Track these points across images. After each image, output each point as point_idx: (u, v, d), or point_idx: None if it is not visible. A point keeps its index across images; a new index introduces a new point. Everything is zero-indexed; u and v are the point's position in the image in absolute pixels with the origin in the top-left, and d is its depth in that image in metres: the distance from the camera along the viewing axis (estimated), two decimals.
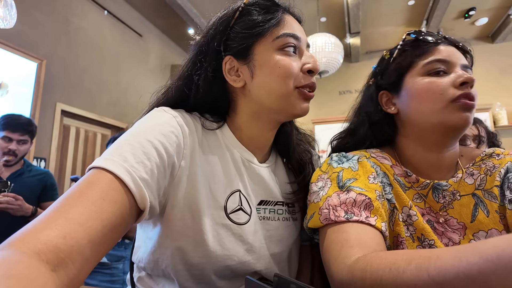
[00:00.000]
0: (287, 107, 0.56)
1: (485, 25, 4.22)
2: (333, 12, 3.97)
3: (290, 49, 0.55)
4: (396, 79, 0.65)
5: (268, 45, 0.55)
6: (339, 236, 0.50)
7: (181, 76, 0.59)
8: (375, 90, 0.70)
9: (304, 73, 0.56)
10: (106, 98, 3.49)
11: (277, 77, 0.54)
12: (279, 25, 0.56)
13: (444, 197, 0.60)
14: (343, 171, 0.60)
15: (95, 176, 0.40)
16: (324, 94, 4.84)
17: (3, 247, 0.30)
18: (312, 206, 0.58)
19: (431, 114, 0.59)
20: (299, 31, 0.57)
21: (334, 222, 0.53)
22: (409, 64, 0.64)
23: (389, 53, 0.70)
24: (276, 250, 0.59)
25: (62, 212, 0.35)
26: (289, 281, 0.40)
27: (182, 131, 0.52)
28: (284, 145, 0.67)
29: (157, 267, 0.53)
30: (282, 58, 0.54)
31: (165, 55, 4.68)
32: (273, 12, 0.56)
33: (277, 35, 0.55)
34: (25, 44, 2.59)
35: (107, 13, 3.51)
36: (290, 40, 0.55)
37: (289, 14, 0.59)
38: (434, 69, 0.60)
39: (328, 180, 0.60)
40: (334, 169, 0.61)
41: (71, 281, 0.32)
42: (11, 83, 2.49)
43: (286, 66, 0.54)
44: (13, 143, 1.72)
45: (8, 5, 1.71)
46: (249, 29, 0.55)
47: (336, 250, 0.49)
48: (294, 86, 0.55)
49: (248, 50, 0.56)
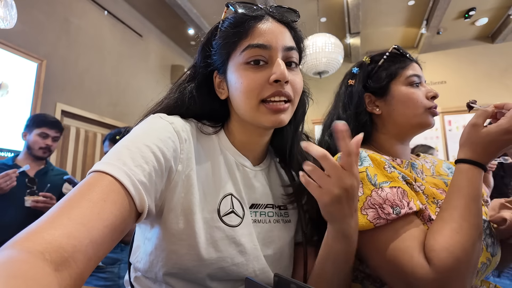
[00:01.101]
0: (256, 120, 0.57)
1: (485, 25, 4.23)
2: (333, 12, 3.98)
3: (257, 61, 0.55)
4: (384, 85, 0.78)
5: (236, 59, 0.56)
6: (400, 234, 0.57)
7: (180, 88, 0.62)
8: (361, 91, 0.80)
9: (270, 83, 0.54)
10: (106, 98, 3.49)
11: (240, 92, 0.56)
12: (247, 36, 0.55)
13: (417, 173, 0.76)
14: (368, 169, 0.65)
15: (96, 179, 0.41)
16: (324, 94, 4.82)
17: (9, 246, 0.30)
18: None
19: (413, 117, 0.75)
20: (271, 37, 0.55)
21: (386, 221, 0.58)
22: (395, 73, 0.77)
23: (371, 60, 0.82)
24: (268, 252, 0.60)
25: (65, 213, 0.35)
26: (289, 281, 0.41)
27: (178, 137, 0.53)
28: (281, 147, 0.68)
29: (151, 269, 0.54)
30: (244, 74, 0.55)
31: (165, 55, 4.68)
32: (242, 22, 0.55)
33: (244, 48, 0.55)
34: (26, 44, 2.59)
35: (107, 13, 3.51)
36: (255, 53, 0.54)
37: (269, 17, 0.58)
38: (414, 82, 0.76)
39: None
40: (359, 169, 0.65)
41: (74, 280, 0.32)
42: (12, 83, 2.49)
43: (246, 82, 0.54)
44: (49, 139, 1.84)
45: (8, 5, 1.71)
46: (223, 44, 0.57)
47: (410, 247, 0.55)
48: (259, 99, 0.55)
49: (225, 64, 0.58)
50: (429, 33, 4.22)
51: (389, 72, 0.77)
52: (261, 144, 0.65)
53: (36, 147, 1.83)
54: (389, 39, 4.68)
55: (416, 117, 0.74)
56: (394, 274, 0.57)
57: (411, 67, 0.77)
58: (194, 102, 0.60)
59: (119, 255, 1.71)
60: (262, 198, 0.64)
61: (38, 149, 1.83)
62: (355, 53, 4.86)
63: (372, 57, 0.82)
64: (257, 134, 0.63)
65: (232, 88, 0.57)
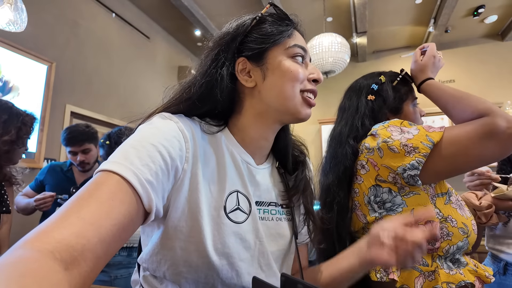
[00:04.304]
0: (292, 109, 0.61)
1: (495, 23, 4.16)
2: (339, 12, 3.96)
3: (299, 58, 0.62)
4: (400, 106, 0.96)
5: (280, 52, 0.61)
6: (454, 127, 0.76)
7: (202, 73, 0.61)
8: (382, 108, 0.94)
9: (309, 81, 0.63)
10: (115, 100, 3.53)
11: (287, 79, 0.60)
12: (291, 37, 0.63)
13: None
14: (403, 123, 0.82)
15: (103, 178, 0.42)
16: (331, 94, 4.80)
17: (19, 245, 0.31)
18: (415, 138, 0.74)
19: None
20: (304, 44, 0.65)
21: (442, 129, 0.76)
22: (405, 96, 0.97)
23: (385, 79, 0.98)
24: (272, 249, 0.62)
25: (73, 212, 0.36)
26: (296, 280, 0.41)
27: (183, 136, 0.54)
28: (280, 148, 0.71)
29: (159, 268, 0.54)
30: (293, 64, 0.61)
31: (172, 56, 4.71)
32: (286, 25, 0.63)
33: (289, 45, 0.62)
34: (36, 47, 2.63)
35: (115, 16, 3.55)
36: (299, 51, 0.62)
37: (296, 30, 0.65)
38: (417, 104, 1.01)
39: (402, 127, 0.79)
40: (398, 122, 0.82)
41: (83, 279, 0.33)
42: (22, 85, 2.54)
43: (296, 71, 0.60)
44: (78, 155, 1.89)
45: (19, 9, 1.74)
46: (266, 36, 0.61)
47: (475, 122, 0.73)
48: (300, 89, 0.61)
49: (262, 54, 0.61)
50: (437, 32, 4.17)
51: (402, 93, 0.96)
52: (270, 141, 0.67)
53: (75, 163, 1.92)
54: (396, 38, 4.63)
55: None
56: (487, 139, 0.70)
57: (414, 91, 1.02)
58: (202, 99, 0.60)
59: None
60: (265, 196, 0.65)
61: (76, 166, 1.92)
62: (361, 52, 4.83)
63: (389, 78, 0.98)
64: (271, 129, 0.65)
65: (274, 76, 0.61)
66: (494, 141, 0.69)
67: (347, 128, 0.92)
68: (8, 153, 1.33)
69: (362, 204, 0.83)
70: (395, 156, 0.75)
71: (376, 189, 0.79)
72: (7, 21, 1.71)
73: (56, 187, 1.88)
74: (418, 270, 0.74)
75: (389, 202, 0.77)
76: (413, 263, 0.53)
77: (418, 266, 0.74)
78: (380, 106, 0.93)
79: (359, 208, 0.84)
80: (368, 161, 0.80)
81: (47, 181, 1.94)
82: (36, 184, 1.97)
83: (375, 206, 0.79)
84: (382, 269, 0.77)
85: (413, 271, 0.75)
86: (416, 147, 0.73)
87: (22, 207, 1.82)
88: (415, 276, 0.74)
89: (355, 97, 0.97)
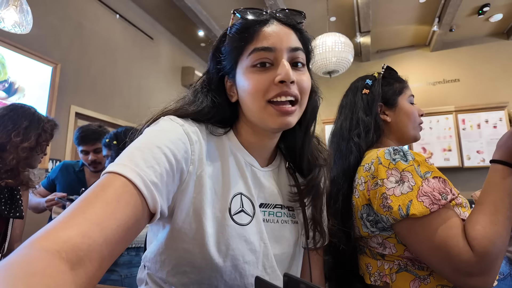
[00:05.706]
0: (264, 122, 0.58)
1: (500, 21, 4.13)
2: (343, 11, 3.95)
3: (263, 63, 0.56)
4: (395, 99, 0.95)
5: (244, 63, 0.58)
6: (447, 220, 0.65)
7: (194, 92, 0.64)
8: (375, 100, 0.94)
9: (276, 84, 0.55)
10: (119, 100, 3.55)
11: (248, 94, 0.57)
12: (253, 40, 0.57)
13: None
14: (414, 163, 0.72)
15: (109, 180, 0.42)
16: (334, 94, 4.79)
17: (26, 245, 0.31)
18: (400, 197, 0.68)
19: (416, 128, 0.95)
20: (276, 39, 0.56)
21: (438, 207, 0.65)
22: (400, 91, 0.96)
23: (378, 75, 0.98)
24: (276, 251, 0.62)
25: (80, 213, 0.36)
26: (298, 281, 0.41)
27: (188, 138, 0.54)
28: (296, 147, 0.69)
29: (163, 268, 0.55)
30: (251, 76, 0.57)
31: (176, 57, 4.73)
32: (248, 27, 0.57)
33: (250, 51, 0.57)
34: (41, 49, 2.66)
35: (119, 17, 3.57)
36: (260, 55, 0.56)
37: (274, 20, 0.59)
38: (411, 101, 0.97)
39: (406, 173, 0.71)
40: (407, 163, 0.72)
41: (89, 279, 0.33)
42: (27, 87, 2.56)
43: (252, 84, 0.56)
44: (90, 155, 1.89)
45: (24, 11, 1.76)
46: (231, 50, 0.60)
47: (457, 234, 0.63)
48: (265, 100, 0.56)
49: (233, 69, 0.60)
50: (442, 31, 4.15)
51: (396, 90, 0.96)
52: (269, 146, 0.66)
53: (87, 163, 1.92)
54: (400, 37, 4.61)
55: (415, 130, 0.95)
56: (442, 258, 0.64)
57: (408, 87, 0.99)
58: (207, 105, 0.61)
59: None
60: (271, 198, 0.65)
61: (88, 165, 1.92)
62: (365, 52, 4.81)
63: (382, 74, 0.99)
64: (265, 136, 0.64)
65: (241, 91, 0.59)
66: (462, 279, 0.63)
67: (347, 123, 0.94)
68: (27, 159, 1.34)
69: (356, 218, 0.82)
70: (375, 197, 0.74)
71: (369, 209, 0.77)
72: (12, 23, 1.73)
73: (67, 187, 1.90)
74: (414, 274, 0.74)
75: (381, 223, 0.75)
76: None
77: (414, 270, 0.74)
78: (373, 98, 0.94)
79: (355, 219, 0.83)
80: (366, 181, 0.78)
81: (58, 181, 1.96)
82: (48, 182, 2.00)
83: (368, 224, 0.78)
84: (376, 273, 0.77)
85: (408, 274, 0.74)
86: (391, 206, 0.69)
87: (33, 205, 1.86)
88: (411, 279, 0.73)
89: (352, 94, 0.99)
